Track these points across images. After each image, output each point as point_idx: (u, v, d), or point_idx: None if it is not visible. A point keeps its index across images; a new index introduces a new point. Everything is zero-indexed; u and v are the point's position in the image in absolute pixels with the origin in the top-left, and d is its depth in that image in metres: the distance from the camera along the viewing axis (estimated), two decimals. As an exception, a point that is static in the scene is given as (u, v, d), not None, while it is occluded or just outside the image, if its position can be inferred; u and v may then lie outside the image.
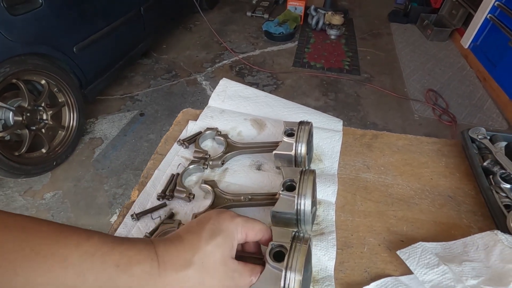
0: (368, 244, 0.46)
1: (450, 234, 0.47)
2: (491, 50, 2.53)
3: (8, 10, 1.30)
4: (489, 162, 0.53)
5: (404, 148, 0.62)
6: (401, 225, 0.48)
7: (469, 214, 0.50)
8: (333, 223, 0.47)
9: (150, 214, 0.48)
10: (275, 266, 0.32)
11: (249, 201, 0.49)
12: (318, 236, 0.46)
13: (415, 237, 0.46)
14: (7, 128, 1.44)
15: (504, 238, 0.39)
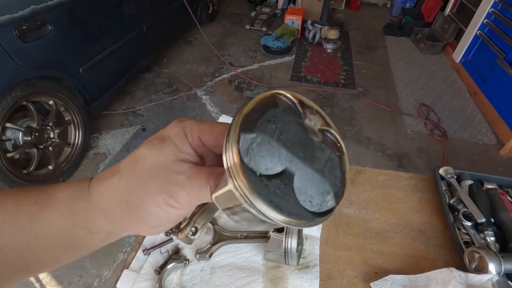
0: (347, 276, 0.53)
1: (418, 266, 0.54)
2: (481, 66, 2.62)
3: (20, 38, 1.38)
4: (455, 200, 0.60)
5: (383, 184, 0.69)
6: (376, 258, 0.56)
7: (437, 248, 0.57)
8: (317, 257, 0.55)
9: (159, 248, 0.56)
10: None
11: (245, 238, 0.56)
12: (304, 269, 0.53)
13: (388, 269, 0.54)
14: (17, 148, 1.51)
15: (458, 275, 0.46)
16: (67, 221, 0.22)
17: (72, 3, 1.66)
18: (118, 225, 0.23)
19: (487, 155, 2.09)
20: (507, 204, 0.57)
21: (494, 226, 0.56)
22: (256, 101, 0.18)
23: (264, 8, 4.07)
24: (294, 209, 0.17)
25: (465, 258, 0.50)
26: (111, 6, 1.99)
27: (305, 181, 0.18)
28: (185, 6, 2.72)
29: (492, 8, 2.56)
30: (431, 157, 2.06)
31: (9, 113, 1.41)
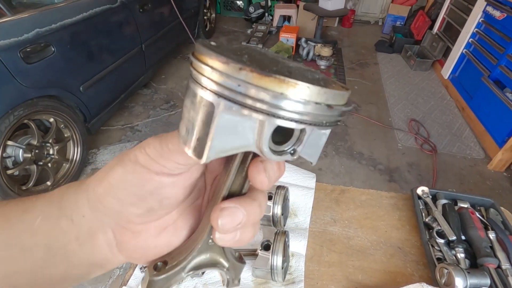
0: (330, 291, 0.57)
1: (396, 282, 0.59)
2: (467, 82, 2.73)
3: (24, 60, 1.44)
4: (430, 218, 0.65)
5: (366, 203, 0.74)
6: (357, 274, 0.60)
7: (413, 263, 0.62)
8: (303, 273, 0.59)
9: (155, 266, 0.60)
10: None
11: (235, 256, 0.60)
12: (290, 285, 0.57)
13: (368, 284, 0.58)
14: (17, 165, 1.55)
15: (428, 290, 0.51)
16: (54, 209, 0.21)
17: (75, 25, 1.73)
18: (95, 202, 0.20)
19: (476, 169, 2.16)
20: (476, 222, 0.62)
21: (465, 243, 0.61)
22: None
23: (260, 25, 4.21)
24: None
25: (436, 273, 0.55)
26: (112, 27, 2.07)
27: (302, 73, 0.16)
28: (182, 24, 2.83)
29: (476, 28, 2.69)
30: (422, 171, 2.12)
31: (10, 131, 1.45)
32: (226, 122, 0.15)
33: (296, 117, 0.15)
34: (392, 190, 1.93)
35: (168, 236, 0.22)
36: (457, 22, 3.08)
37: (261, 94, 0.14)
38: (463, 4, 3.00)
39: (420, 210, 0.68)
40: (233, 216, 0.18)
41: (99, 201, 0.20)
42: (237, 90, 0.14)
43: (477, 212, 0.67)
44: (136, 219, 0.21)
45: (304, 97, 0.14)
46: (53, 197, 0.22)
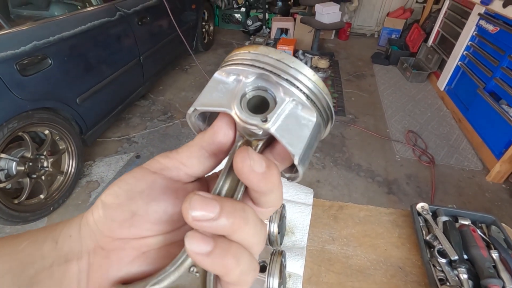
0: (329, 315, 0.55)
1: (397, 304, 0.56)
2: (463, 94, 2.75)
3: (20, 72, 1.43)
4: (430, 236, 0.64)
5: (365, 219, 0.73)
6: (357, 295, 0.58)
7: (414, 284, 0.60)
8: (300, 295, 0.57)
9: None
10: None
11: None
12: (286, 308, 0.55)
13: (368, 307, 0.56)
14: (10, 178, 1.52)
15: (430, 314, 0.48)
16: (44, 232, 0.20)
17: (73, 38, 1.74)
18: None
19: (474, 181, 2.15)
20: (478, 241, 0.61)
21: (468, 262, 0.59)
22: None
23: (258, 38, 4.26)
24: None
25: (439, 296, 0.53)
26: (110, 40, 2.08)
27: None
28: (181, 37, 2.86)
29: (470, 41, 2.73)
30: (420, 183, 2.10)
31: (4, 144, 1.43)
32: (215, 79, 0.19)
33: (265, 66, 0.18)
34: (391, 202, 1.93)
35: (145, 264, 0.19)
36: (451, 35, 3.13)
37: (243, 54, 0.18)
38: (457, 18, 3.06)
39: (420, 228, 0.66)
40: (206, 204, 0.15)
41: (92, 217, 0.19)
42: (230, 58, 0.19)
43: (478, 229, 0.66)
44: (117, 230, 0.19)
45: (271, 54, 0.18)
46: (52, 224, 0.21)
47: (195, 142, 0.19)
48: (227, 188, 0.18)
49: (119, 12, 2.15)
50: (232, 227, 0.15)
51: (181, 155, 0.19)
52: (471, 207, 1.92)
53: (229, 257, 0.15)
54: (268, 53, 0.18)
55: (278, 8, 4.76)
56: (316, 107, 0.18)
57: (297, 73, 0.18)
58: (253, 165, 0.16)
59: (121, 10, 2.17)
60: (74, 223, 0.20)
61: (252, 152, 0.16)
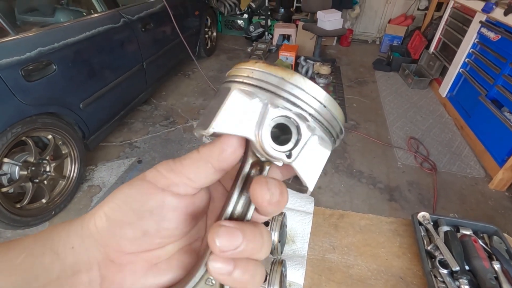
0: (329, 325, 0.55)
1: (397, 315, 0.56)
2: (465, 101, 2.75)
3: (25, 78, 1.45)
4: (432, 247, 0.63)
5: (365, 228, 0.72)
6: (357, 306, 0.57)
7: (415, 295, 0.59)
8: (300, 305, 0.56)
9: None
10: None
11: (230, 286, 0.58)
12: (286, 318, 0.54)
13: (369, 318, 0.55)
14: (12, 182, 1.53)
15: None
16: (40, 244, 0.19)
17: (78, 44, 1.76)
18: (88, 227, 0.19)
19: (477, 188, 2.14)
20: (480, 252, 0.60)
21: (469, 273, 0.59)
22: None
23: (260, 44, 4.30)
24: None
25: (440, 307, 0.52)
26: (114, 46, 2.11)
27: None
28: (183, 42, 2.89)
29: (472, 48, 2.74)
30: (422, 190, 2.09)
31: (8, 149, 1.45)
32: (235, 99, 0.17)
33: (294, 100, 0.17)
34: (392, 210, 1.92)
35: (157, 275, 0.20)
36: (453, 42, 3.15)
37: (267, 77, 0.17)
38: (458, 25, 3.07)
39: (421, 238, 0.66)
40: (232, 236, 0.16)
41: (95, 226, 0.19)
42: (250, 75, 0.18)
43: (480, 239, 0.65)
44: (127, 245, 0.19)
45: (302, 86, 0.17)
46: (43, 233, 0.20)
47: (201, 156, 0.18)
48: (241, 209, 0.19)
49: (123, 19, 2.18)
50: (251, 252, 0.17)
51: (187, 169, 0.19)
52: (473, 215, 1.91)
53: (247, 275, 0.17)
54: (296, 83, 0.17)
55: (280, 14, 4.80)
56: (333, 138, 0.19)
57: (326, 111, 0.18)
58: (271, 198, 0.16)
59: (125, 17, 2.20)
60: (72, 232, 0.20)
61: (271, 185, 0.17)
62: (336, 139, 0.19)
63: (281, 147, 0.18)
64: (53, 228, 0.20)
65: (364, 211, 1.85)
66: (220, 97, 0.18)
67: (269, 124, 0.17)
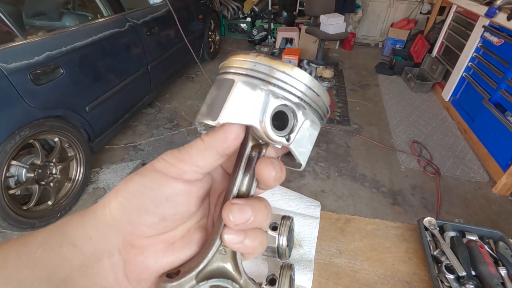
0: (337, 329, 0.55)
1: (405, 319, 0.57)
2: (468, 105, 2.75)
3: (33, 81, 1.47)
4: (438, 252, 0.64)
5: (372, 233, 0.73)
6: (365, 310, 0.58)
7: (422, 300, 0.60)
8: (308, 309, 0.57)
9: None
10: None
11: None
12: (295, 322, 0.55)
13: (376, 322, 0.56)
14: (19, 184, 1.55)
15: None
16: (56, 238, 0.20)
17: (84, 48, 1.79)
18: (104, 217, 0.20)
19: (480, 192, 2.13)
20: (486, 257, 0.61)
21: (476, 279, 0.60)
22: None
23: (263, 47, 4.32)
24: None
25: (447, 312, 0.53)
26: (119, 49, 2.13)
27: None
28: (187, 46, 2.91)
29: (475, 53, 2.75)
30: (425, 194, 2.09)
31: (15, 151, 1.46)
32: (241, 91, 0.19)
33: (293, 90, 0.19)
34: (395, 214, 1.92)
35: (176, 253, 0.22)
36: (456, 46, 3.15)
37: (269, 70, 0.18)
38: (461, 30, 3.08)
39: (427, 243, 0.67)
40: (243, 212, 0.19)
41: (111, 215, 0.20)
42: (252, 68, 0.19)
43: (486, 245, 0.66)
44: (146, 230, 0.20)
45: (300, 78, 0.19)
46: (56, 226, 0.21)
47: (207, 145, 0.20)
48: (245, 187, 0.22)
49: (128, 23, 2.21)
50: (259, 223, 0.20)
51: (195, 158, 0.20)
52: (477, 220, 1.91)
53: (255, 241, 0.20)
54: (297, 76, 0.19)
55: (283, 18, 4.83)
56: (322, 120, 0.22)
57: (318, 99, 0.20)
58: (276, 175, 0.20)
59: (130, 21, 2.23)
60: (87, 223, 0.21)
61: (276, 165, 0.20)
62: (324, 119, 0.22)
63: (281, 132, 0.20)
64: (66, 221, 0.21)
65: (368, 215, 1.87)
66: (223, 88, 0.19)
67: (271, 113, 0.19)
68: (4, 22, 1.44)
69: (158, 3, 2.67)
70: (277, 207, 0.76)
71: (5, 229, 1.49)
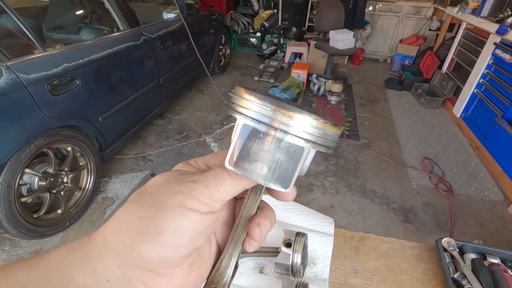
0: None
1: None
2: (481, 122, 2.71)
3: (50, 92, 1.52)
4: (458, 275, 0.62)
5: (388, 253, 0.71)
6: (383, 335, 0.56)
7: (443, 325, 0.57)
8: (324, 332, 0.55)
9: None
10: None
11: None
12: None
13: None
14: (31, 192, 1.56)
15: None
16: (57, 281, 0.19)
17: (100, 60, 1.84)
18: (126, 257, 0.19)
19: (495, 212, 2.07)
20: (511, 283, 0.58)
21: (500, 305, 0.57)
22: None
23: (272, 61, 4.38)
24: (308, 110, 0.19)
25: None
26: (133, 62, 2.19)
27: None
28: (199, 59, 2.97)
29: (486, 69, 2.73)
30: (438, 212, 2.04)
31: (30, 159, 1.49)
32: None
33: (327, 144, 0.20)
34: (407, 232, 1.87)
35: (197, 269, 0.23)
36: (466, 62, 3.14)
37: (326, 135, 0.20)
38: (472, 46, 3.08)
39: (447, 265, 0.64)
40: (267, 227, 0.23)
41: (141, 257, 0.19)
42: (322, 136, 0.20)
43: (509, 269, 0.63)
44: (179, 261, 0.21)
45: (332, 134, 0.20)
46: (53, 264, 0.20)
47: (237, 182, 0.22)
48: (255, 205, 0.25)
49: (143, 37, 2.27)
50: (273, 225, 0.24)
51: (223, 195, 0.21)
52: (494, 240, 1.84)
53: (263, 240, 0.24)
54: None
55: (293, 33, 4.92)
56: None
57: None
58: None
59: (145, 35, 2.30)
60: (100, 264, 0.19)
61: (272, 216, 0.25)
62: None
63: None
64: (63, 261, 0.20)
65: (378, 232, 1.82)
66: (293, 156, 0.20)
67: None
68: (26, 35, 1.50)
69: (172, 18, 2.75)
70: (290, 223, 0.75)
71: (15, 237, 1.50)
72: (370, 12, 4.75)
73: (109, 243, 0.20)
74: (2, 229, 1.43)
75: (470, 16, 3.08)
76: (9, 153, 1.37)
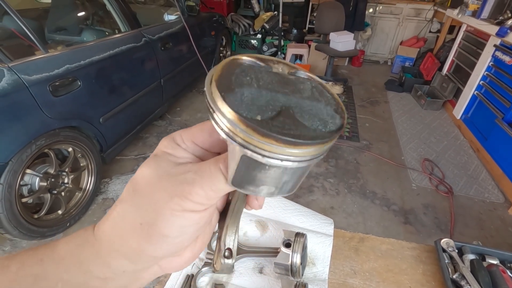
0: None
1: None
2: (481, 124, 2.71)
3: (52, 93, 1.53)
4: (457, 275, 0.62)
5: (387, 253, 0.71)
6: (382, 335, 0.56)
7: (442, 326, 0.57)
8: (323, 332, 0.55)
9: None
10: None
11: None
12: None
13: None
14: (32, 193, 1.57)
15: None
16: (75, 274, 0.20)
17: (102, 61, 1.85)
18: (137, 258, 0.21)
19: (496, 214, 2.07)
20: (509, 283, 0.58)
21: (498, 305, 0.57)
22: (219, 68, 0.18)
23: (273, 63, 4.38)
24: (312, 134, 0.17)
25: None
26: (134, 63, 2.20)
27: (305, 110, 0.18)
28: (200, 61, 2.99)
29: (487, 71, 2.73)
30: (438, 214, 2.04)
31: (31, 160, 1.50)
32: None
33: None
34: (408, 233, 1.87)
35: (201, 239, 0.25)
36: (467, 64, 3.15)
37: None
38: (472, 48, 3.09)
39: (446, 265, 0.64)
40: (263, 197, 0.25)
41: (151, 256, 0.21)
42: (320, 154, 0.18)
43: (508, 270, 0.63)
44: (187, 246, 0.23)
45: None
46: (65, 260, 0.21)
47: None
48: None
49: (144, 38, 2.28)
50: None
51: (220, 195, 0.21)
52: (494, 242, 1.84)
53: (260, 208, 0.26)
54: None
55: (293, 35, 4.93)
56: None
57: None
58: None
59: (146, 37, 2.31)
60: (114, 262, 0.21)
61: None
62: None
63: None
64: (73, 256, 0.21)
65: (379, 234, 1.82)
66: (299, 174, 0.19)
67: None
68: (28, 37, 1.51)
69: (173, 20, 2.77)
70: (290, 224, 0.75)
71: (15, 237, 1.50)
72: (371, 14, 4.76)
73: (117, 247, 0.21)
74: (3, 229, 1.43)
75: (470, 18, 3.09)
76: (10, 154, 1.38)
